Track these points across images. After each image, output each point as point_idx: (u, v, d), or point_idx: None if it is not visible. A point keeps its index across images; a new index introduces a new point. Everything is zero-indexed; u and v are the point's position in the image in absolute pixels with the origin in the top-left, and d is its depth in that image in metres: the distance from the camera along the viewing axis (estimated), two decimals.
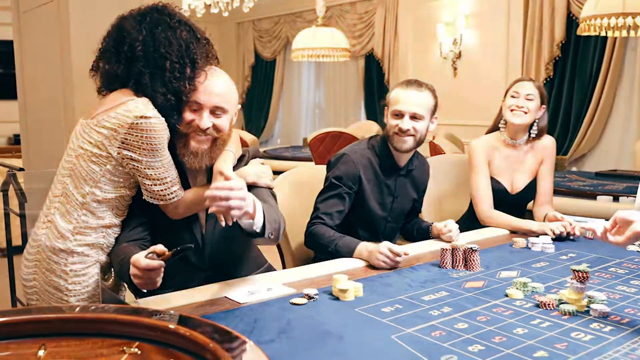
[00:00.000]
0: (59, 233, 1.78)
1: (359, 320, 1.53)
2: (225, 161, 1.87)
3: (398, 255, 2.00)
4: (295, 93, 9.32)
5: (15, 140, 8.36)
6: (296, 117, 9.36)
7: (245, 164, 2.00)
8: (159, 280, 1.54)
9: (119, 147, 1.73)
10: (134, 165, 1.76)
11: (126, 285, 1.92)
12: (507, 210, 2.66)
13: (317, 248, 2.27)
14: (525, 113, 2.64)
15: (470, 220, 2.74)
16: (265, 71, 9.50)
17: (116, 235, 1.86)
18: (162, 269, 1.52)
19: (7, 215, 3.43)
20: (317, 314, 1.56)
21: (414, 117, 2.27)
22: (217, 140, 1.84)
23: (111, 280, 1.91)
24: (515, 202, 2.76)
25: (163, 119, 1.75)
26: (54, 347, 1.09)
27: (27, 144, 3.65)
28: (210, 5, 5.04)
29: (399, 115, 2.28)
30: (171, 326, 1.06)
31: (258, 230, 1.66)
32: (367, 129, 6.88)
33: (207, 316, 1.51)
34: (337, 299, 1.68)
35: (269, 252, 2.25)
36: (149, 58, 1.76)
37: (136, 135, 1.72)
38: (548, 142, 2.78)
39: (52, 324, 1.12)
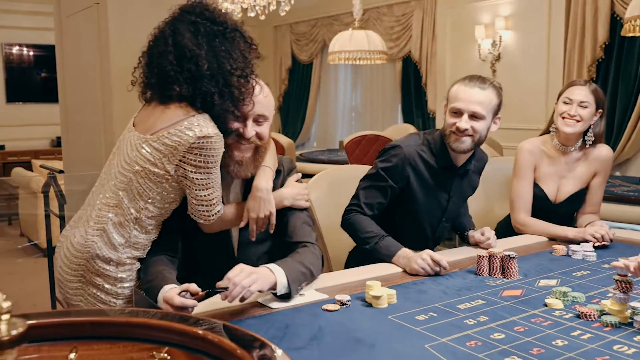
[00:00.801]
0: (112, 245, 1.78)
1: (391, 328, 1.50)
2: (266, 179, 1.87)
3: (438, 264, 1.94)
4: (332, 96, 9.31)
5: (58, 142, 8.56)
6: (333, 120, 9.35)
7: (282, 182, 1.99)
8: None
9: (176, 165, 1.70)
10: (186, 183, 1.74)
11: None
12: (549, 219, 2.55)
13: (353, 237, 2.21)
14: (578, 121, 2.49)
15: (509, 226, 2.66)
16: (302, 74, 9.52)
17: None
18: (193, 309, 1.53)
19: (47, 217, 3.50)
20: (349, 320, 1.54)
21: (473, 116, 2.11)
22: (259, 148, 1.84)
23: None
24: (557, 211, 2.63)
25: (221, 135, 1.72)
26: (85, 350, 1.09)
27: (67, 147, 3.72)
28: (247, 8, 5.07)
29: (457, 113, 2.12)
30: (200, 332, 1.06)
31: (285, 292, 1.66)
32: (404, 132, 6.78)
33: (238, 321, 1.51)
34: (370, 305, 1.66)
35: None
36: (215, 76, 1.70)
37: (195, 154, 1.68)
38: (605, 153, 2.60)
39: (84, 327, 1.12)
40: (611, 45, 5.56)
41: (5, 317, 0.76)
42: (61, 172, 3.36)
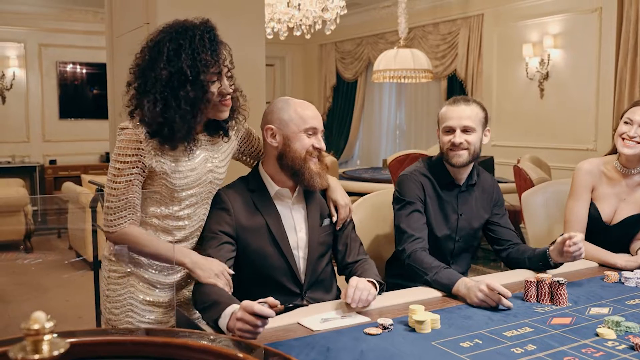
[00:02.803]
0: (107, 242, 1.93)
1: (435, 354, 1.46)
2: (346, 196, 2.10)
3: (495, 291, 1.82)
4: (376, 114, 9.30)
5: (107, 157, 8.77)
6: (376, 138, 9.33)
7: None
8: (260, 332, 1.51)
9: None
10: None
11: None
12: (600, 241, 2.46)
13: (415, 274, 2.13)
14: (638, 143, 2.39)
15: None
16: (347, 92, 9.55)
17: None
18: (267, 322, 1.51)
19: (94, 232, 3.58)
20: (391, 345, 1.51)
21: (465, 130, 2.24)
22: (321, 158, 1.98)
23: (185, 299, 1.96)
24: (610, 233, 2.52)
25: (134, 132, 1.78)
26: None
27: None
28: (293, 27, 5.11)
29: (450, 131, 2.26)
30: (240, 355, 1.04)
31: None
32: None
33: (280, 343, 1.49)
34: (413, 330, 1.62)
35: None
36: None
37: (115, 145, 1.81)
38: None
39: (126, 347, 1.12)
40: None
41: (47, 337, 0.77)
42: None
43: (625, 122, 2.44)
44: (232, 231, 1.92)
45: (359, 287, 1.76)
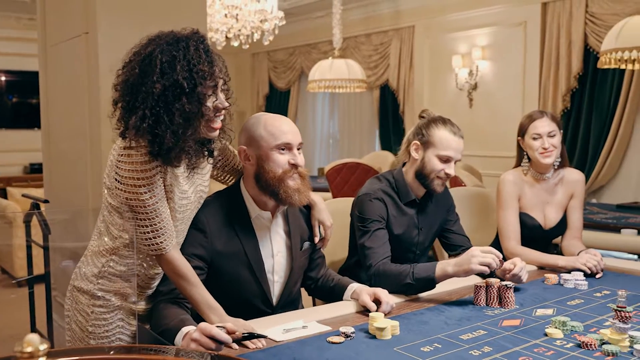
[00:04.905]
0: (84, 275, 1.77)
1: None
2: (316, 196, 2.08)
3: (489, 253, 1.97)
4: (309, 123, 9.37)
5: (32, 169, 8.41)
6: (310, 147, 9.40)
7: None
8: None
9: (115, 181, 1.65)
10: (125, 209, 1.67)
11: None
12: (542, 246, 2.62)
13: (388, 285, 2.08)
14: (552, 151, 2.58)
15: None
16: (280, 101, 9.58)
17: (149, 285, 1.84)
18: (222, 348, 1.49)
19: (29, 247, 3.44)
20: (355, 353, 1.54)
21: (455, 162, 2.32)
22: (302, 174, 1.88)
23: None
24: (548, 237, 2.72)
25: (141, 150, 1.62)
26: None
27: (49, 175, 3.67)
28: (230, 38, 5.10)
29: (447, 160, 2.29)
30: None
31: None
32: (382, 159, 6.89)
33: (246, 355, 1.49)
34: (374, 337, 1.66)
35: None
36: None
37: (122, 169, 1.63)
38: (578, 177, 2.71)
39: None
40: (585, 76, 5.73)
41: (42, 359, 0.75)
42: (46, 201, 3.30)
43: (535, 138, 2.60)
44: (206, 254, 1.85)
45: (389, 301, 1.88)
